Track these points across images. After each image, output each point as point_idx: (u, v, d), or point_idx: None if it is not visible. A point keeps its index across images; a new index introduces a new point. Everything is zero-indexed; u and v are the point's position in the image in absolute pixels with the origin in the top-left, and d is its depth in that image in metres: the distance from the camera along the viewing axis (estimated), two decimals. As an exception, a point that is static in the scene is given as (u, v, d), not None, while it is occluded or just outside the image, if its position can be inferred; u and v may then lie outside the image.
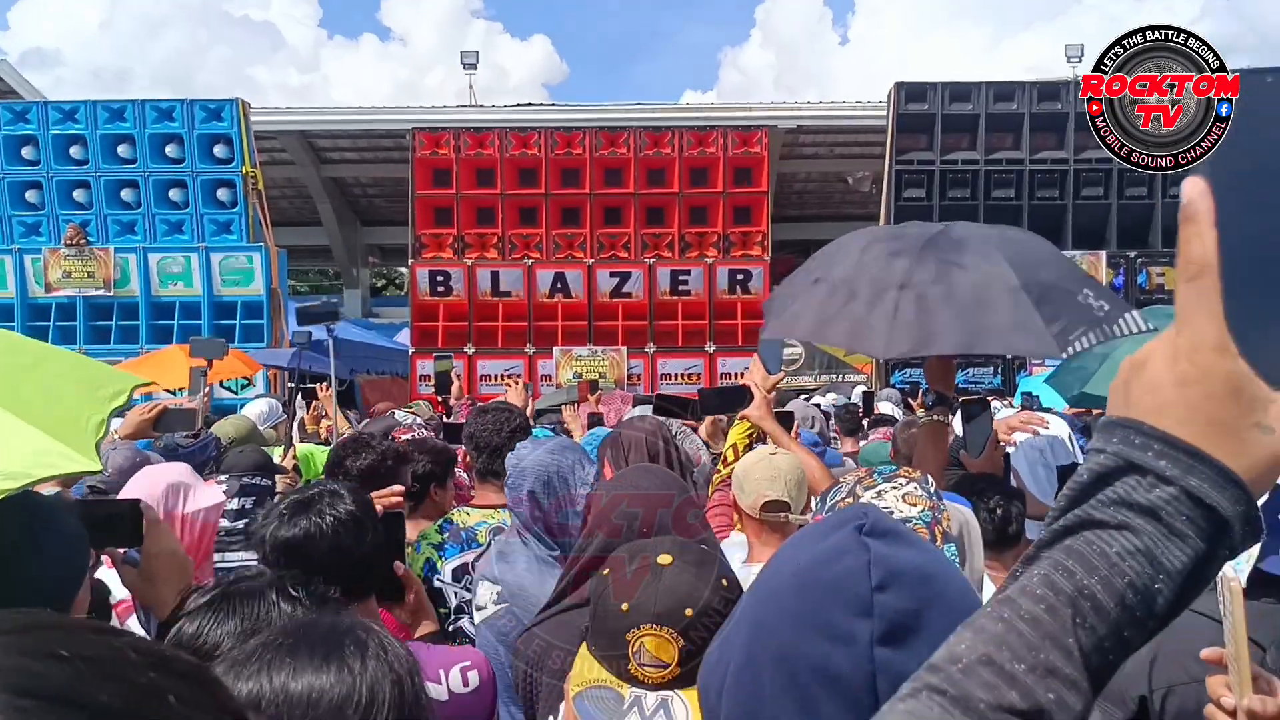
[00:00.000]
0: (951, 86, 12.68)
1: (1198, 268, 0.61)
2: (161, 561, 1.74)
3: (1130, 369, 0.64)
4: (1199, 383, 0.60)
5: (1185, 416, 0.60)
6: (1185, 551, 0.59)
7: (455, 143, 12.81)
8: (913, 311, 2.36)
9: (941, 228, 2.62)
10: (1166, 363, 0.62)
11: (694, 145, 12.90)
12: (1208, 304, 0.61)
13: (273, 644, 1.08)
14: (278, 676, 1.02)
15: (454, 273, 12.66)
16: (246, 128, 12.53)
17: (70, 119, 12.56)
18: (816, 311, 2.63)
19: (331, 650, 1.05)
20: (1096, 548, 0.60)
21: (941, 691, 0.61)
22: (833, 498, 1.83)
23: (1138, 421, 0.62)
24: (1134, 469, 0.61)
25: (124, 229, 12.66)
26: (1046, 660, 0.60)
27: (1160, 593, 0.59)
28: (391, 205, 19.69)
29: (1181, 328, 0.62)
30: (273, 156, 17.84)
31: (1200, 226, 0.61)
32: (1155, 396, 0.61)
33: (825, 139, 18.33)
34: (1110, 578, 0.60)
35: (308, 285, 26.08)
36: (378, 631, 1.12)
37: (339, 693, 1.02)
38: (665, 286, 12.77)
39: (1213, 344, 0.60)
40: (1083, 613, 0.60)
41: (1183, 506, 0.59)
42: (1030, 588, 0.62)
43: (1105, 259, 12.24)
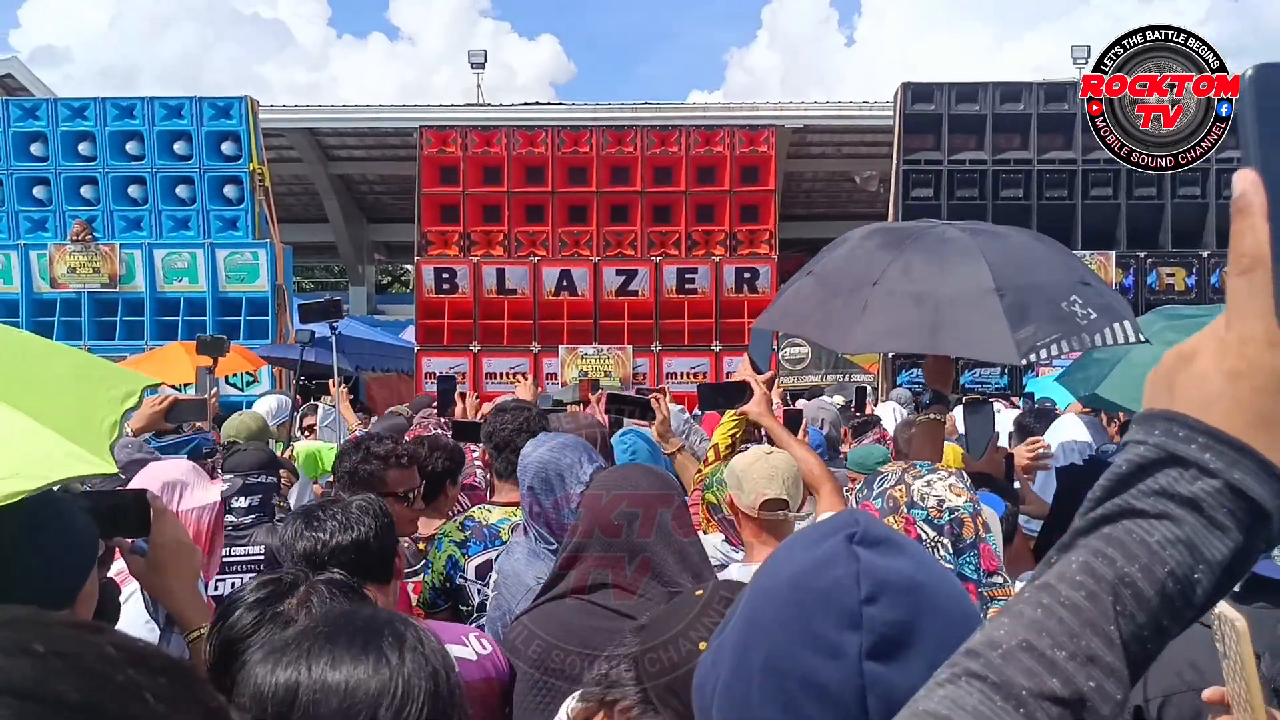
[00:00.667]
0: (958, 87, 12.65)
1: (1250, 261, 0.60)
2: (168, 551, 1.75)
3: (1177, 360, 0.64)
4: (1248, 377, 0.60)
5: (1232, 409, 0.60)
6: (1226, 543, 0.59)
7: (462, 141, 12.83)
8: (879, 309, 2.38)
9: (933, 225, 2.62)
10: (1216, 356, 0.62)
11: (701, 144, 12.89)
12: (1260, 298, 0.60)
13: (312, 632, 1.09)
14: (316, 666, 1.04)
15: (459, 270, 12.66)
16: (254, 125, 12.56)
17: (79, 116, 12.62)
18: (797, 305, 2.67)
19: (370, 641, 1.07)
20: (1137, 536, 0.60)
21: (981, 677, 0.60)
22: (880, 485, 1.83)
23: (1182, 414, 0.61)
24: (1176, 461, 0.60)
25: (130, 225, 12.72)
26: (1088, 647, 0.59)
27: (1199, 583, 0.59)
28: (398, 203, 19.74)
29: (1232, 321, 0.61)
30: (280, 154, 17.88)
31: (1254, 219, 0.60)
32: (1202, 389, 0.61)
33: (832, 138, 18.31)
34: (1151, 566, 0.59)
35: (313, 282, 26.14)
36: (415, 625, 1.13)
37: (375, 684, 1.03)
38: (671, 285, 12.76)
39: (1264, 338, 0.60)
40: (1123, 600, 0.59)
41: (1225, 499, 0.59)
42: (1069, 574, 0.61)
43: (1115, 259, 12.19)
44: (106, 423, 1.45)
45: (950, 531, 1.71)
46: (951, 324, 2.31)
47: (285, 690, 1.03)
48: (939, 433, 2.69)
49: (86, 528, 1.51)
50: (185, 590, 1.76)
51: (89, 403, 1.48)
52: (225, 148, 12.61)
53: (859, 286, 2.44)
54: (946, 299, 2.34)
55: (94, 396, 1.51)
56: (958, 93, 12.61)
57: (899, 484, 1.83)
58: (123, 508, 1.76)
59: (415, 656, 1.07)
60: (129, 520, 1.74)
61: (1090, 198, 12.51)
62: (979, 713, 0.59)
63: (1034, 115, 12.47)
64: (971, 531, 1.72)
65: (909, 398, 8.10)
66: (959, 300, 2.33)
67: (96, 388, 1.54)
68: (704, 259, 12.77)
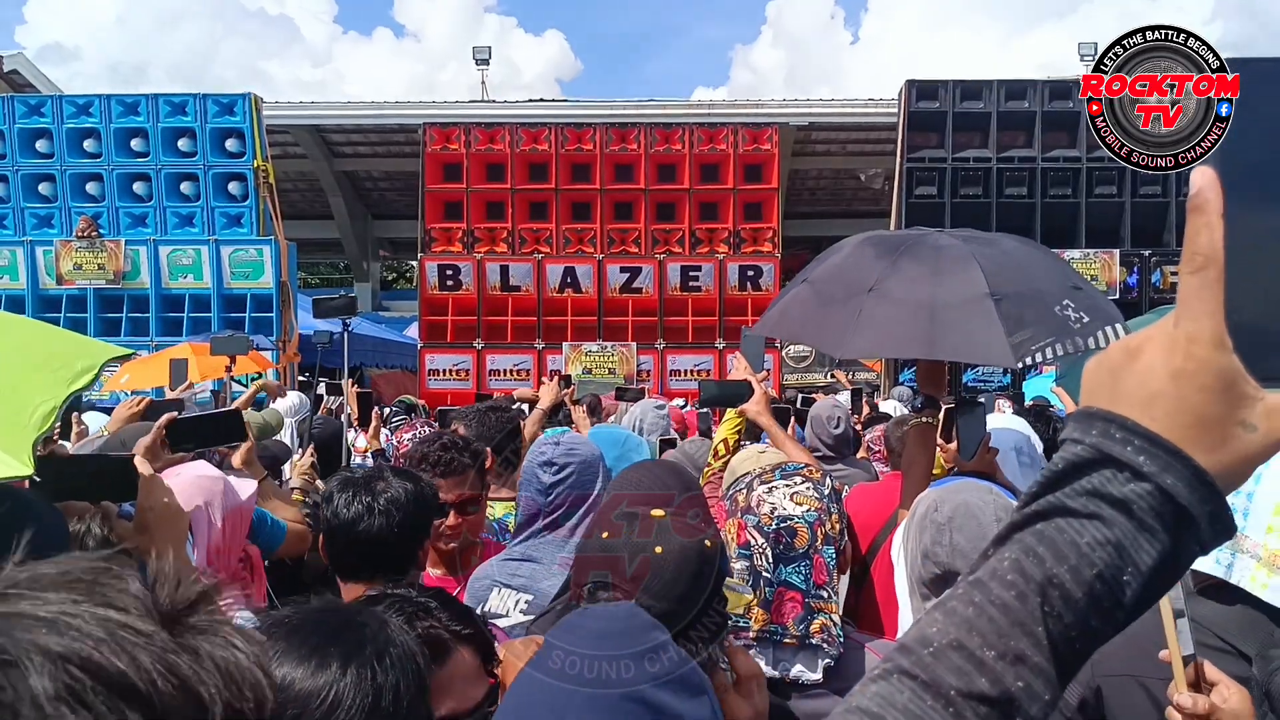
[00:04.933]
0: (962, 84, 12.63)
1: (1203, 259, 0.60)
2: (155, 514, 1.76)
3: (1124, 355, 0.63)
4: (1193, 376, 0.60)
5: (1174, 409, 0.60)
6: (1155, 546, 0.59)
7: (466, 138, 12.84)
8: (874, 315, 2.41)
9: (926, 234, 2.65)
10: (1163, 353, 0.61)
11: (704, 142, 12.89)
12: (1210, 297, 0.60)
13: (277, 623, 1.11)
14: None
15: (463, 267, 12.68)
16: (259, 122, 12.58)
17: (85, 113, 12.66)
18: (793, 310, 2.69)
19: (321, 645, 1.08)
20: (1068, 536, 0.60)
21: (912, 675, 0.61)
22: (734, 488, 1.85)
23: (1120, 415, 0.61)
24: (1111, 462, 0.61)
25: (135, 221, 12.74)
26: (1016, 647, 0.60)
27: (1128, 584, 0.60)
28: (403, 199, 19.75)
29: (1181, 319, 0.61)
30: (285, 150, 17.91)
31: (1209, 217, 0.60)
32: (1147, 386, 0.61)
33: (837, 136, 18.29)
34: (1079, 567, 0.60)
35: (318, 278, 26.16)
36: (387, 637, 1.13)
37: (307, 687, 1.04)
38: (675, 282, 12.77)
39: (1211, 338, 0.60)
40: (1051, 601, 0.60)
41: (1155, 502, 0.59)
42: (1001, 572, 0.62)
43: (1119, 257, 12.17)
44: (39, 412, 1.38)
45: (777, 540, 1.74)
46: (947, 329, 2.33)
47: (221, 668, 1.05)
48: (930, 436, 2.69)
49: (58, 531, 1.50)
50: (173, 554, 1.76)
51: (22, 390, 1.41)
52: (230, 144, 12.63)
53: (854, 292, 2.46)
54: (942, 304, 2.36)
55: (32, 382, 1.44)
56: (962, 90, 12.59)
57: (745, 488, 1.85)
58: (109, 472, 1.78)
59: (360, 670, 1.07)
60: (116, 484, 1.76)
61: (1094, 196, 12.49)
62: (909, 711, 0.60)
63: (1038, 113, 12.45)
64: (805, 541, 1.73)
65: (910, 395, 8.09)
66: (955, 305, 2.35)
67: (39, 371, 1.47)
68: (707, 256, 12.78)
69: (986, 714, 0.59)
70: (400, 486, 2.10)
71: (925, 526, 2.00)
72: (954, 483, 2.45)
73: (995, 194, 12.49)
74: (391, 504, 2.06)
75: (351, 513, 2.03)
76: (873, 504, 2.81)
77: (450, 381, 12.30)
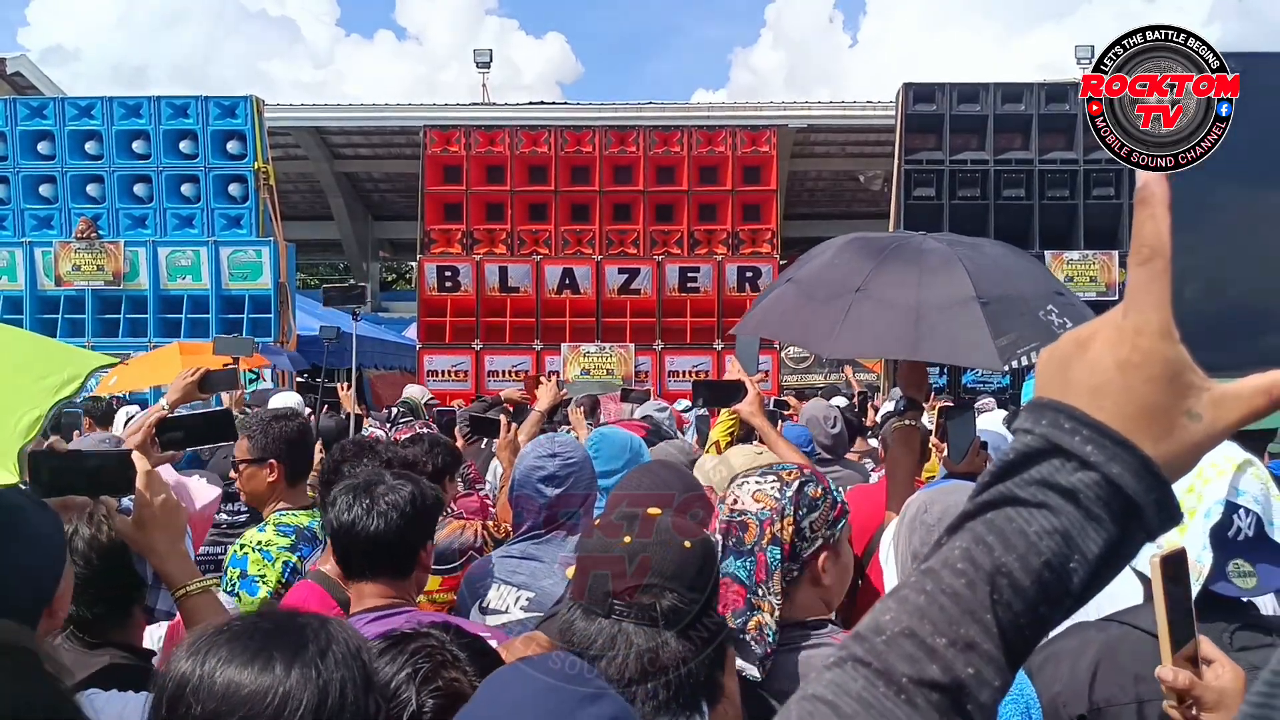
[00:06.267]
0: (959, 87, 12.66)
1: (1150, 251, 0.62)
2: (153, 510, 1.78)
3: (1074, 346, 0.65)
4: (1140, 367, 0.61)
5: (1121, 399, 0.61)
6: (1101, 534, 0.60)
7: (466, 140, 12.85)
8: (861, 315, 2.43)
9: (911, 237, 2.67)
10: (1110, 344, 0.62)
11: (703, 144, 12.92)
12: (1157, 288, 0.61)
13: (223, 629, 1.13)
14: (209, 662, 1.08)
15: (462, 268, 12.69)
16: (260, 124, 12.59)
17: (86, 115, 12.68)
18: (778, 311, 2.71)
19: (265, 647, 1.10)
20: (1016, 525, 0.61)
21: (865, 663, 0.62)
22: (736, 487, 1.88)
23: (1069, 405, 0.62)
24: (1059, 452, 0.61)
25: (135, 223, 12.75)
26: (966, 635, 0.60)
27: (1075, 572, 0.61)
28: (403, 200, 19.77)
29: (1129, 310, 0.62)
30: (286, 152, 17.92)
31: (1155, 209, 0.62)
32: (1094, 376, 0.62)
33: (837, 138, 18.33)
34: (1027, 556, 0.60)
35: (318, 279, 26.15)
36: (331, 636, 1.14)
37: (253, 688, 1.06)
38: (674, 283, 12.79)
39: (1158, 329, 0.61)
40: (1000, 589, 0.61)
41: (1101, 491, 0.60)
42: (952, 560, 0.63)
43: (1117, 259, 12.19)
44: (24, 421, 1.39)
45: (729, 532, 1.79)
46: (933, 331, 2.35)
47: (179, 680, 1.07)
48: (914, 438, 2.70)
49: (53, 531, 1.51)
50: (171, 549, 1.79)
51: (7, 400, 1.42)
52: (231, 147, 12.65)
53: (841, 293, 2.48)
54: (928, 306, 2.38)
55: (17, 391, 1.45)
56: (959, 93, 12.62)
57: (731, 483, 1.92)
58: (106, 467, 1.80)
59: (305, 669, 1.09)
60: (114, 480, 1.78)
61: (1092, 198, 12.51)
62: (862, 699, 0.61)
63: (1035, 115, 12.48)
64: (753, 537, 1.77)
65: (903, 396, 8.05)
66: (941, 307, 2.37)
67: (25, 378, 1.48)
68: (706, 258, 12.79)
69: (938, 701, 0.60)
70: (400, 489, 2.15)
71: (915, 528, 2.02)
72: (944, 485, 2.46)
73: (993, 196, 12.51)
74: (391, 507, 2.11)
75: (351, 515, 2.10)
76: (870, 505, 2.81)
77: (449, 383, 12.31)
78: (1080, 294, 11.79)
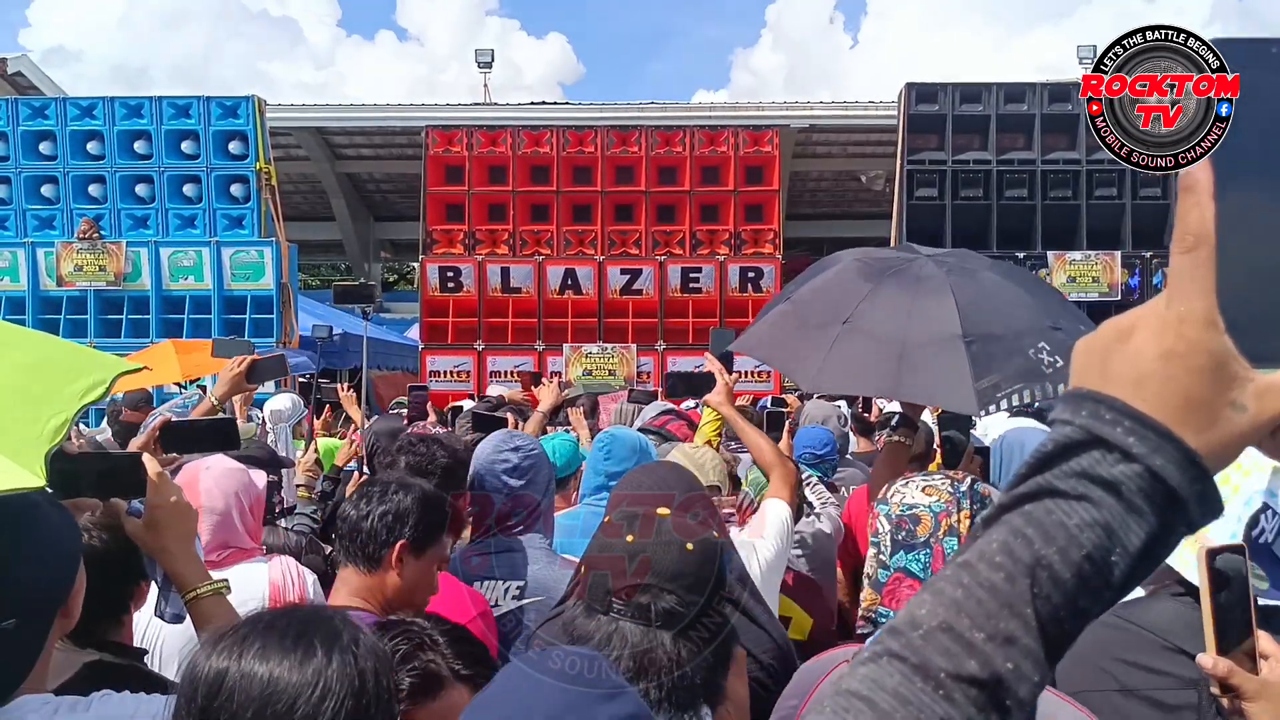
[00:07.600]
0: (962, 87, 12.63)
1: (1194, 239, 0.60)
2: (164, 511, 1.77)
3: (1114, 335, 0.63)
4: (1184, 357, 0.60)
5: (1165, 390, 0.60)
6: (1143, 527, 0.59)
7: (468, 140, 12.85)
8: (845, 350, 2.45)
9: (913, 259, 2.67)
10: (1154, 334, 0.61)
11: (705, 144, 12.91)
12: (1202, 277, 0.60)
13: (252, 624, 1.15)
14: (246, 657, 1.10)
15: (464, 268, 12.69)
16: (261, 125, 12.59)
17: (88, 115, 12.66)
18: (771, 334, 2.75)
19: (301, 637, 1.12)
20: (1056, 517, 0.60)
21: (902, 658, 0.61)
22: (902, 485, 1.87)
23: (1109, 396, 0.61)
24: (1100, 443, 0.60)
25: (137, 223, 12.75)
26: (1005, 629, 0.59)
27: (1116, 565, 0.60)
28: (405, 201, 19.77)
29: (1173, 299, 0.61)
30: (288, 152, 17.93)
31: (1200, 197, 0.60)
32: (1137, 367, 0.61)
33: (838, 138, 18.31)
34: (1068, 549, 0.60)
35: (319, 280, 26.17)
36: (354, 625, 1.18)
37: (296, 678, 1.08)
38: (676, 284, 12.77)
39: (1202, 318, 0.59)
40: (1040, 583, 0.60)
41: (1144, 483, 0.59)
42: (989, 553, 0.62)
43: (1120, 259, 12.17)
44: (51, 425, 1.39)
45: (900, 526, 1.77)
46: (915, 370, 2.37)
47: (215, 676, 1.10)
48: (902, 455, 2.72)
49: (68, 532, 1.51)
50: (182, 550, 1.79)
51: (37, 402, 1.42)
52: (232, 147, 12.64)
53: (830, 322, 2.50)
54: (913, 343, 2.39)
55: (46, 395, 1.45)
56: (961, 93, 12.59)
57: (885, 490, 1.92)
58: (118, 469, 1.79)
59: (343, 656, 1.11)
60: (124, 481, 1.77)
61: (1095, 198, 12.48)
62: (899, 694, 0.60)
63: (1038, 115, 12.44)
64: (926, 530, 1.76)
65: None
66: (925, 345, 2.38)
67: (54, 383, 1.49)
68: (708, 258, 12.78)
69: (976, 696, 0.59)
70: (404, 491, 2.19)
71: None
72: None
73: (996, 196, 12.49)
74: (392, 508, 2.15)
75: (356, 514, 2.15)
76: (873, 505, 2.83)
77: (451, 383, 12.30)
78: (1083, 295, 11.83)
